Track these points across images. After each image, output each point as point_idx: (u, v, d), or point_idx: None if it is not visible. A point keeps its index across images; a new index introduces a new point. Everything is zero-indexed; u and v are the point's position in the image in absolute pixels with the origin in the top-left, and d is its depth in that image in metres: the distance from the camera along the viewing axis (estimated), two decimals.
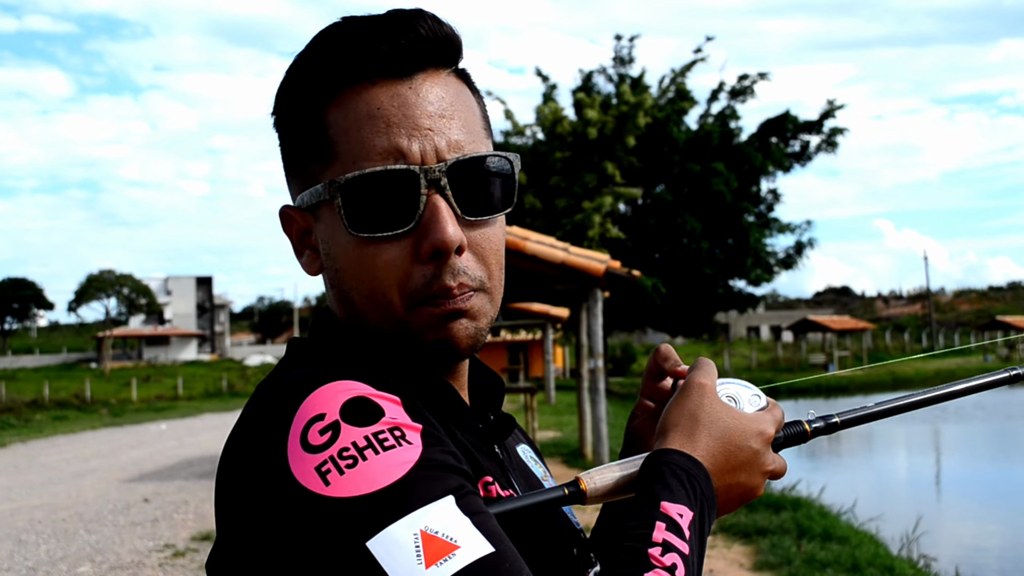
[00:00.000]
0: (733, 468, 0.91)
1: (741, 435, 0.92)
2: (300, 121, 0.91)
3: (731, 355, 52.63)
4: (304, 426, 0.77)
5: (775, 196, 35.75)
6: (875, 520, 9.70)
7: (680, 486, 0.85)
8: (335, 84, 0.88)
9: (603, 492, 0.91)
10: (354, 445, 0.76)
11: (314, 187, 0.89)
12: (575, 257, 11.39)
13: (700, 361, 0.99)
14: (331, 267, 0.91)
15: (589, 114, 31.57)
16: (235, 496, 0.81)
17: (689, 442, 0.90)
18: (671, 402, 0.95)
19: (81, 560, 8.30)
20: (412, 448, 0.77)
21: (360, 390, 0.80)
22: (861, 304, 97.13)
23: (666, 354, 1.05)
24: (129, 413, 31.62)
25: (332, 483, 0.74)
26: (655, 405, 1.06)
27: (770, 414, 0.96)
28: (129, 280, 65.47)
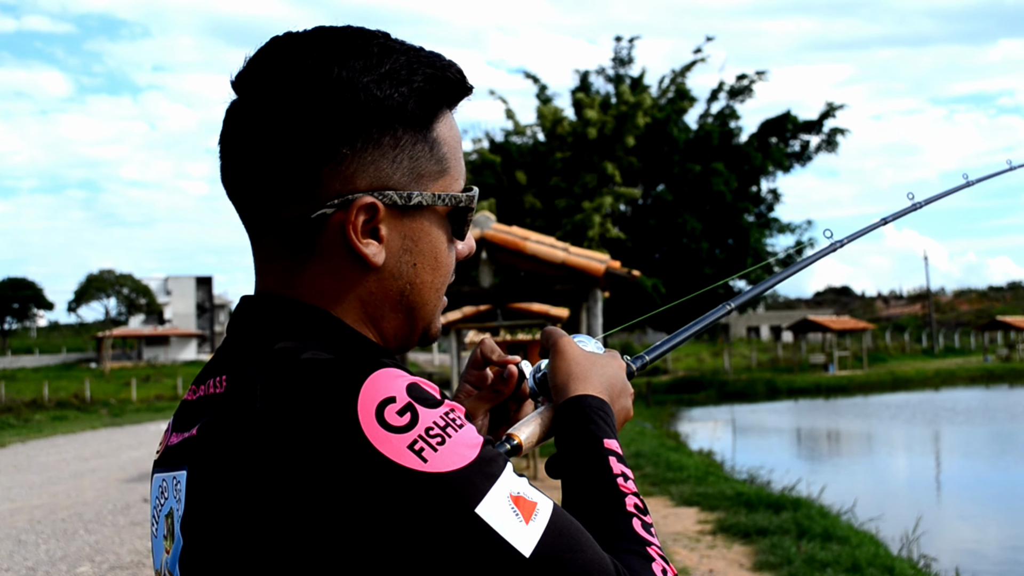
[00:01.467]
0: (617, 395, 1.10)
1: (612, 370, 1.12)
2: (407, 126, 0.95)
3: (731, 355, 52.59)
4: (377, 408, 0.82)
5: (775, 196, 35.79)
6: (875, 520, 9.70)
7: (604, 423, 1.02)
8: (443, 101, 0.99)
9: (534, 441, 1.07)
10: (436, 424, 0.83)
11: (428, 192, 0.97)
12: (575, 257, 11.39)
13: (550, 329, 1.15)
14: (408, 261, 0.98)
15: (589, 114, 31.59)
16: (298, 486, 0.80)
17: (588, 384, 1.07)
18: (552, 362, 1.11)
19: (81, 560, 8.30)
20: (472, 427, 0.87)
21: (409, 377, 0.87)
22: (861, 304, 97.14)
23: (491, 347, 1.19)
24: (129, 413, 31.62)
25: (430, 460, 0.81)
26: (476, 392, 1.18)
27: (613, 355, 1.16)
28: (129, 280, 65.49)
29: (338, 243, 0.94)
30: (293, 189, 0.93)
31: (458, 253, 1.04)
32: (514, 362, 1.18)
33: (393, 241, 0.96)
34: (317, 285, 0.96)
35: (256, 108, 0.94)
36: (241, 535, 0.83)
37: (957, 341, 61.88)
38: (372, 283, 0.96)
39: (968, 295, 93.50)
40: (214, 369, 0.96)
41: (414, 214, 0.97)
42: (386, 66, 0.94)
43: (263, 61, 0.95)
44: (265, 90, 0.93)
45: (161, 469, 0.98)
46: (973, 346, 59.15)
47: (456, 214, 1.00)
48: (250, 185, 0.95)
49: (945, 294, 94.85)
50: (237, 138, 0.95)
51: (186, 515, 0.89)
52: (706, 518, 9.35)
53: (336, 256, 0.95)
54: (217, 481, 0.86)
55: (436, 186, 0.98)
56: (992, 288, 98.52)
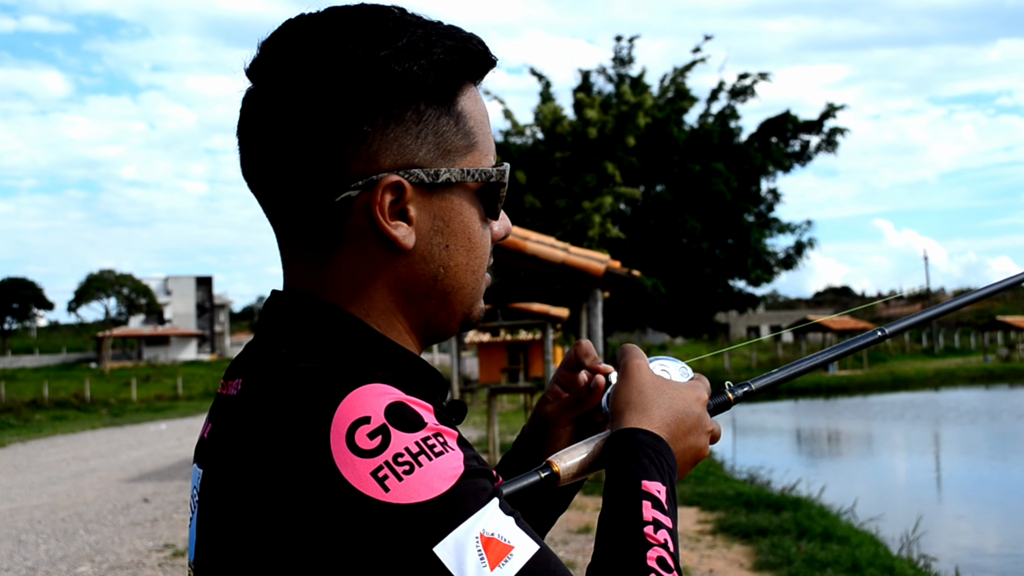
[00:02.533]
0: (684, 433, 0.99)
1: (684, 402, 1.00)
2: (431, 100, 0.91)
3: (731, 355, 52.61)
4: (349, 428, 0.77)
5: (775, 196, 35.76)
6: (875, 520, 9.71)
7: (651, 463, 0.92)
8: (466, 74, 0.94)
9: (575, 471, 0.98)
10: (407, 451, 0.77)
11: (456, 168, 0.92)
12: (575, 257, 11.38)
13: (626, 347, 1.06)
14: (440, 243, 0.93)
15: (589, 114, 31.57)
16: (265, 499, 0.79)
17: (645, 418, 0.98)
18: (616, 386, 1.02)
19: (81, 560, 8.30)
20: (456, 454, 0.80)
21: (397, 395, 0.81)
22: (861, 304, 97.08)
23: (587, 350, 1.10)
24: (129, 413, 31.62)
25: (392, 489, 0.75)
26: (568, 395, 1.11)
27: (700, 382, 1.06)
28: (129, 280, 65.51)
29: (365, 227, 0.90)
30: (314, 174, 0.89)
31: (493, 234, 0.99)
32: (605, 371, 1.09)
33: (423, 222, 0.91)
34: (344, 275, 0.92)
35: (271, 93, 0.90)
36: (230, 545, 0.83)
37: (957, 341, 61.89)
38: (403, 268, 0.92)
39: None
40: (237, 368, 0.93)
41: (443, 192, 0.92)
42: (403, 40, 0.89)
43: (276, 45, 0.92)
44: (279, 74, 0.90)
45: (196, 460, 0.98)
46: (973, 346, 59.18)
47: (487, 191, 0.95)
48: (270, 174, 0.92)
49: (945, 294, 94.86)
50: (254, 126, 0.92)
51: (199, 516, 0.90)
52: (706, 518, 9.35)
53: (363, 241, 0.91)
54: (218, 488, 0.86)
55: (464, 162, 0.93)
56: None
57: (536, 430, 1.13)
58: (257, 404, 0.84)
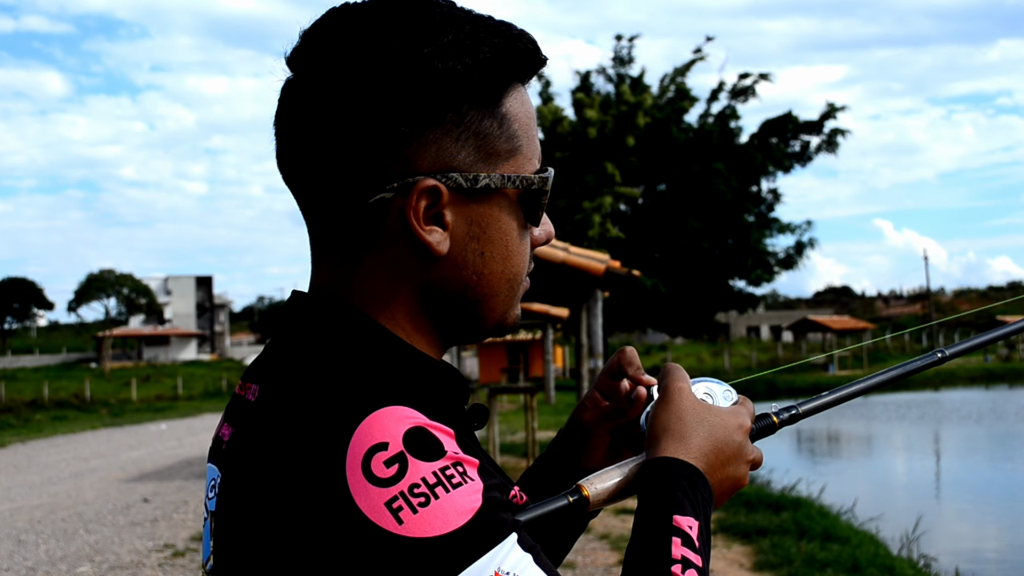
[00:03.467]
0: (723, 463, 0.95)
1: (725, 430, 0.96)
2: (473, 101, 0.87)
3: (731, 355, 52.60)
4: (366, 454, 0.74)
5: (775, 196, 35.78)
6: (875, 520, 9.70)
7: (685, 496, 0.88)
8: (513, 75, 0.90)
9: (604, 497, 0.94)
10: (424, 481, 0.74)
11: (496, 173, 0.88)
12: (575, 257, 11.38)
13: (669, 367, 1.02)
14: (475, 250, 0.89)
15: (589, 114, 31.60)
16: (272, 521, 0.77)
17: (682, 446, 0.93)
18: (655, 409, 0.98)
19: (81, 560, 8.30)
20: (475, 485, 0.76)
21: (418, 419, 0.78)
22: (861, 304, 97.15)
23: (631, 358, 1.07)
24: (129, 413, 31.62)
25: (406, 522, 0.73)
26: (608, 404, 1.08)
27: (744, 407, 1.00)
28: (129, 280, 65.52)
29: (398, 231, 0.86)
30: (350, 172, 0.86)
31: (534, 239, 0.95)
32: (648, 384, 1.04)
33: (459, 228, 0.88)
34: (373, 279, 0.89)
35: (309, 85, 0.87)
36: (243, 556, 0.82)
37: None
38: (434, 274, 0.89)
39: (968, 295, 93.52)
40: (255, 371, 0.91)
41: (482, 198, 0.88)
42: (449, 36, 0.86)
43: (317, 35, 0.88)
44: (317, 66, 0.87)
45: (210, 459, 0.95)
46: None
47: (528, 197, 0.91)
48: (305, 169, 0.88)
49: (945, 294, 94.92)
50: (291, 118, 0.89)
51: (216, 523, 0.88)
52: None
53: (396, 245, 0.87)
54: (235, 497, 0.84)
55: (506, 167, 0.89)
56: (992, 288, 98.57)
57: (573, 437, 1.10)
58: (275, 417, 0.82)
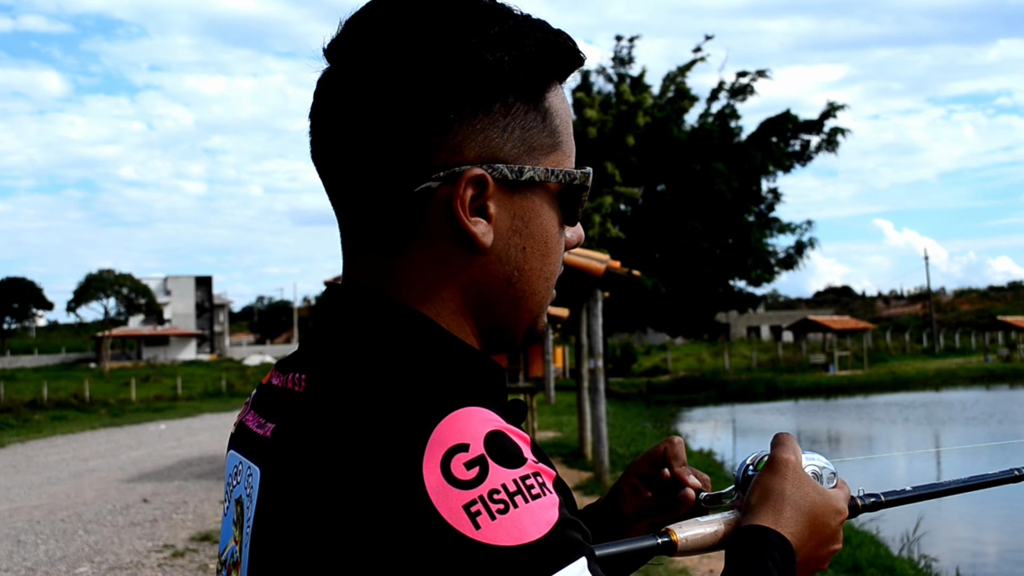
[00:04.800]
0: (815, 545, 0.95)
1: (824, 514, 0.96)
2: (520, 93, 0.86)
3: (731, 355, 52.59)
4: (445, 454, 0.72)
5: (775, 196, 35.78)
6: (875, 520, 9.69)
7: (775, 568, 0.88)
8: (554, 71, 0.89)
9: (693, 547, 0.95)
10: (504, 488, 0.72)
11: (540, 167, 0.87)
12: (575, 257, 11.36)
13: (783, 436, 1.01)
14: (517, 244, 0.87)
15: (589, 114, 31.59)
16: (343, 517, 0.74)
17: (780, 519, 0.93)
18: (761, 475, 0.98)
19: (80, 560, 8.29)
20: (553, 498, 0.74)
21: (497, 422, 0.75)
22: (861, 304, 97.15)
23: (677, 451, 1.07)
24: (128, 413, 31.59)
25: (483, 527, 0.70)
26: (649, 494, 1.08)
27: (843, 491, 1.01)
28: (128, 280, 65.51)
29: (443, 221, 0.84)
30: (395, 161, 0.84)
31: (567, 241, 0.94)
32: (695, 487, 1.05)
33: (502, 221, 0.86)
34: (415, 271, 0.86)
35: (354, 75, 0.85)
36: (295, 555, 0.78)
37: (958, 341, 61.87)
38: (477, 268, 0.87)
39: (969, 295, 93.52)
40: (297, 362, 0.89)
41: (525, 191, 0.87)
42: (495, 28, 0.85)
43: (359, 25, 0.87)
44: (363, 55, 0.85)
45: (237, 448, 0.92)
46: (974, 346, 59.17)
47: (569, 194, 0.90)
48: (346, 159, 0.86)
49: (946, 294, 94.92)
50: (331, 109, 0.87)
51: (256, 520, 0.84)
52: None
53: (440, 237, 0.85)
54: (287, 494, 0.80)
55: (548, 161, 0.88)
56: (993, 288, 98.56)
57: (608, 520, 1.10)
58: (339, 411, 0.78)
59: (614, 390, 32.46)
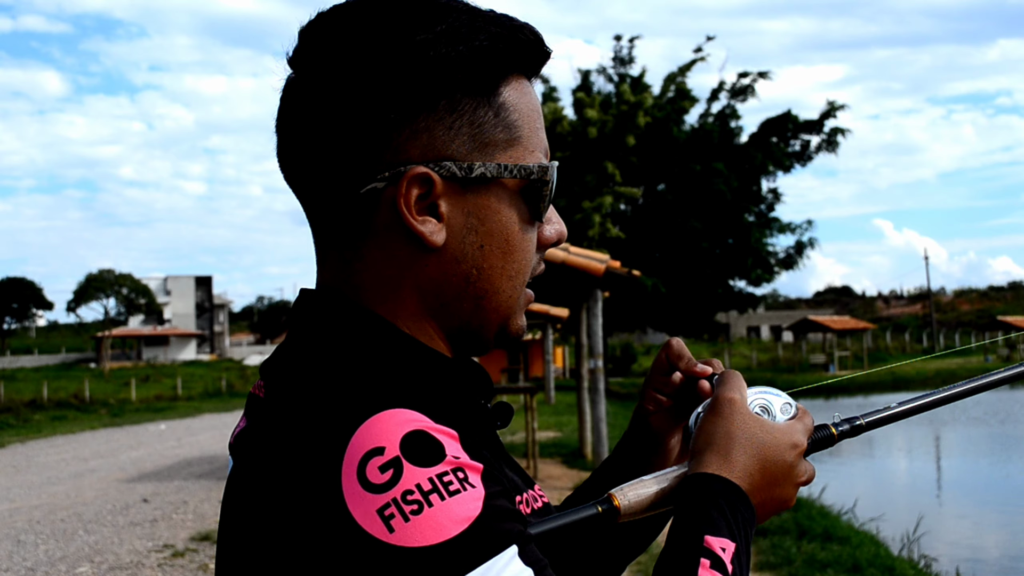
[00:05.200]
0: (769, 484, 0.90)
1: (776, 450, 0.91)
2: (467, 89, 0.85)
3: (731, 355, 52.61)
4: (361, 459, 0.73)
5: (775, 196, 35.76)
6: (876, 520, 9.69)
7: (721, 516, 0.84)
8: (512, 64, 0.88)
9: (637, 509, 0.89)
10: (418, 488, 0.72)
11: (492, 163, 0.86)
12: (575, 257, 11.36)
13: (728, 374, 0.97)
14: (473, 242, 0.87)
15: (589, 113, 31.60)
16: (269, 524, 0.76)
17: (726, 463, 0.89)
18: (703, 420, 0.94)
19: (80, 560, 8.28)
20: (475, 492, 0.74)
21: (419, 422, 0.75)
22: (861, 304, 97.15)
23: (679, 350, 1.03)
24: (128, 413, 31.59)
25: (397, 530, 0.70)
26: (668, 401, 1.05)
27: (801, 423, 0.95)
28: (128, 280, 65.52)
29: (392, 222, 0.85)
30: (344, 163, 0.85)
31: (543, 238, 0.92)
32: (704, 374, 1.00)
33: (455, 219, 0.86)
34: (372, 273, 0.87)
35: (307, 80, 0.87)
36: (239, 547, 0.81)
37: (958, 341, 61.87)
38: (433, 268, 0.86)
39: (969, 295, 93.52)
40: (265, 369, 0.90)
41: (479, 189, 0.86)
42: (443, 25, 0.84)
43: (314, 31, 0.88)
44: (315, 61, 0.86)
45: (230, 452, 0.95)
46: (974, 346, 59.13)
47: (530, 190, 0.88)
48: (302, 164, 0.88)
49: (946, 294, 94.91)
50: (288, 115, 0.88)
51: (222, 507, 0.88)
52: None
53: (391, 238, 0.86)
54: (239, 490, 0.83)
55: (504, 157, 0.87)
56: (992, 288, 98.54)
57: (643, 443, 1.07)
58: (278, 416, 0.81)
59: (614, 390, 32.44)
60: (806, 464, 0.94)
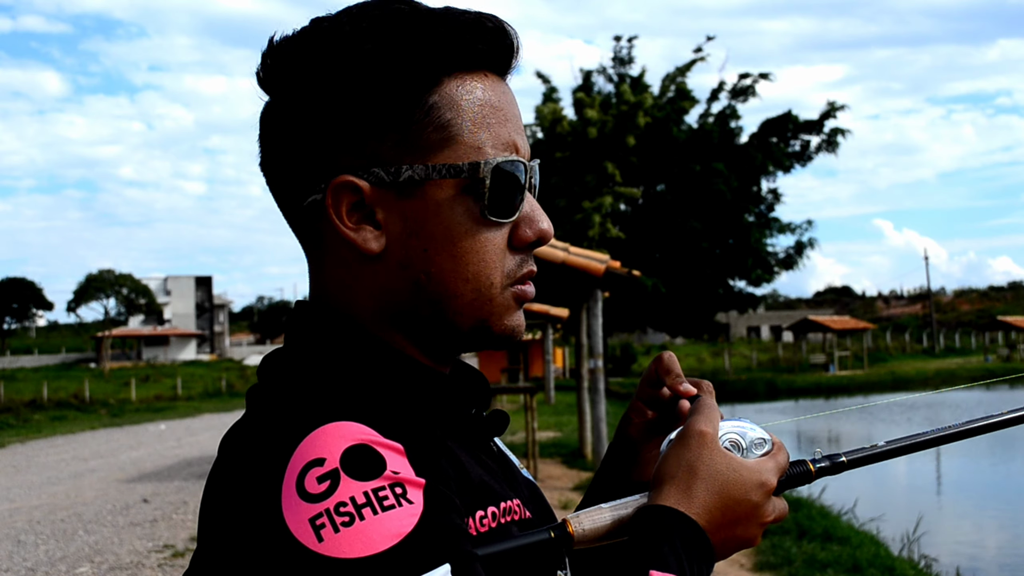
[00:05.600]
0: (730, 523, 0.87)
1: (741, 489, 0.88)
2: (392, 96, 0.85)
3: (731, 355, 52.60)
4: (302, 469, 0.74)
5: (775, 196, 35.75)
6: (876, 520, 9.69)
7: (672, 552, 0.82)
8: (446, 66, 0.87)
9: (591, 537, 0.87)
10: (352, 501, 0.72)
11: (421, 165, 0.85)
12: (575, 257, 11.36)
13: (702, 404, 0.94)
14: (416, 247, 0.86)
15: (589, 114, 31.60)
16: (216, 531, 0.79)
17: (686, 498, 0.86)
18: (668, 449, 0.91)
19: (80, 561, 8.28)
20: (412, 509, 0.74)
21: (363, 436, 0.76)
22: (861, 304, 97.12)
23: (668, 366, 1.01)
24: (128, 413, 31.58)
25: (325, 540, 0.71)
26: (653, 414, 1.04)
27: (773, 460, 0.92)
28: (128, 280, 65.49)
29: (334, 232, 0.87)
30: (291, 179, 0.89)
31: (519, 237, 0.90)
32: (687, 394, 0.98)
33: (393, 225, 0.86)
34: (334, 282, 0.89)
35: (267, 101, 0.92)
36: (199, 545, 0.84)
37: (958, 341, 61.87)
38: (382, 275, 0.87)
39: (969, 295, 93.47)
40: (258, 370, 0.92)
41: (414, 192, 0.85)
42: (378, 32, 0.85)
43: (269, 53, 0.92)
44: (269, 81, 0.91)
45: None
46: (974, 346, 59.17)
47: (473, 188, 0.86)
48: (269, 179, 0.93)
49: (946, 294, 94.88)
50: (261, 134, 0.93)
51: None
52: None
53: (338, 248, 0.87)
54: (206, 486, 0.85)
55: (439, 157, 0.85)
56: (993, 288, 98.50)
57: (622, 452, 1.06)
58: (244, 420, 0.84)
59: (614, 390, 32.42)
60: (776, 503, 0.91)
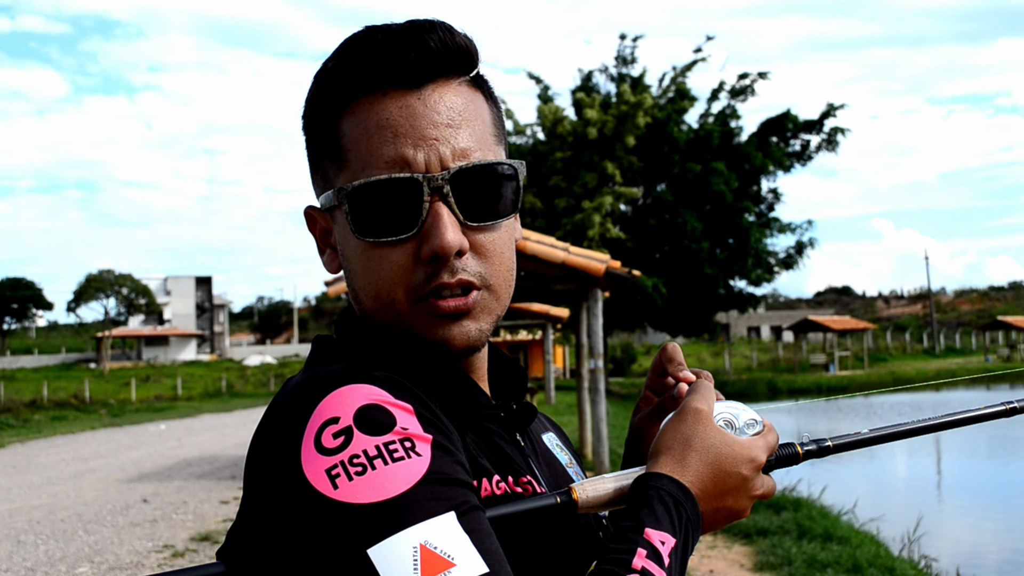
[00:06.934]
0: (721, 493, 0.93)
1: (732, 461, 0.94)
2: (319, 127, 0.96)
3: (731, 355, 52.59)
4: (319, 427, 0.81)
5: (775, 196, 35.75)
6: (876, 520, 9.69)
7: (666, 512, 0.87)
8: (350, 93, 0.93)
9: (595, 503, 0.93)
10: (364, 453, 0.80)
11: (328, 191, 0.96)
12: (575, 257, 11.36)
13: (699, 384, 1.00)
14: (346, 267, 0.97)
15: (589, 114, 31.58)
16: (253, 485, 0.87)
17: (680, 467, 0.92)
18: (666, 424, 0.97)
19: (80, 561, 8.28)
20: (420, 460, 0.80)
21: (375, 396, 0.83)
22: (862, 304, 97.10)
23: (671, 354, 1.08)
24: (128, 413, 31.59)
25: (340, 487, 0.78)
26: (658, 400, 1.10)
27: (763, 439, 0.98)
28: (128, 280, 65.45)
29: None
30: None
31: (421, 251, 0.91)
32: (687, 381, 1.04)
33: (339, 247, 0.98)
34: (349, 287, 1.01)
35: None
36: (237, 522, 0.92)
37: (958, 341, 61.86)
38: (350, 288, 0.99)
39: (969, 295, 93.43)
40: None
41: (336, 215, 0.97)
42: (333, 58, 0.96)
43: None
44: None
45: None
46: (974, 346, 59.16)
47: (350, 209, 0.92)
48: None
49: (946, 294, 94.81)
50: None
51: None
52: None
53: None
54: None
55: (339, 181, 0.95)
56: (993, 288, 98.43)
57: (632, 442, 1.13)
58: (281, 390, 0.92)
59: (614, 390, 32.44)
60: (764, 479, 0.97)
